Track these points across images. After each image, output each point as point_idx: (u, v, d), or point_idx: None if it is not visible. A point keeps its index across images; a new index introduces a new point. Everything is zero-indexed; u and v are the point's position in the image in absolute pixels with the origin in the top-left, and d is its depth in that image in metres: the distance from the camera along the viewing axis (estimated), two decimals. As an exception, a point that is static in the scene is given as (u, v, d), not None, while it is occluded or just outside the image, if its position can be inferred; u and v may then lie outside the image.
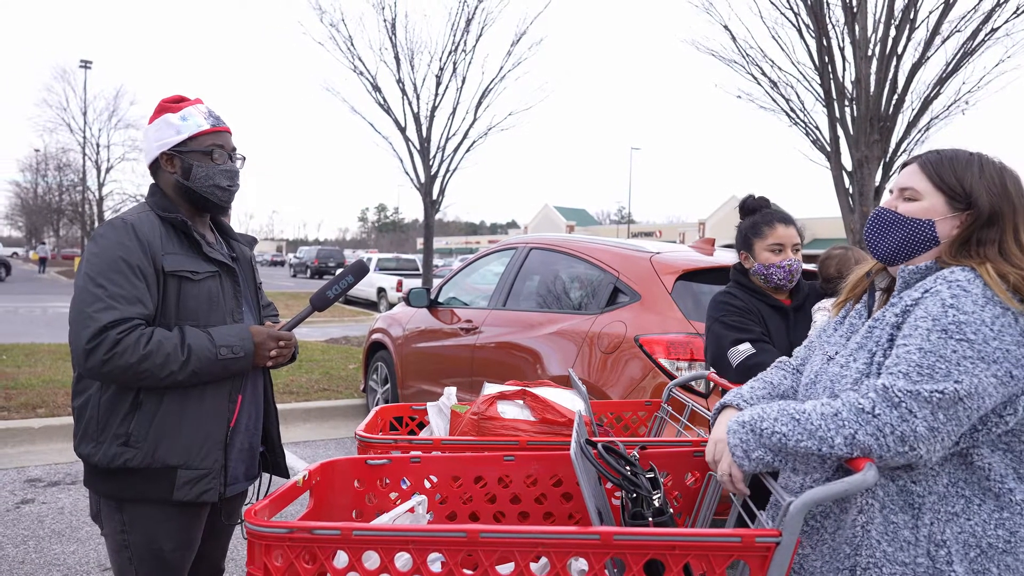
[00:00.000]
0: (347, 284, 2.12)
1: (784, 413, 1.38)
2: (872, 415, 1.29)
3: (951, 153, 1.49)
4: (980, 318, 1.30)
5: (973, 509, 1.34)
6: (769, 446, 1.37)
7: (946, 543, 1.33)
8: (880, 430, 1.28)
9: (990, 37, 8.68)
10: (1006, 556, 1.33)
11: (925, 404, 1.27)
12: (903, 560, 1.35)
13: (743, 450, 1.40)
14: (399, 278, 19.83)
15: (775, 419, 1.38)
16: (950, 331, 1.30)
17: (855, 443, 1.30)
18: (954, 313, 1.31)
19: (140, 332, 1.80)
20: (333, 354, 9.71)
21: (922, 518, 1.35)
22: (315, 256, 39.71)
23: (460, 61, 14.44)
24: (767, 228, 2.69)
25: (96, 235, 1.90)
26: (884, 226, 1.50)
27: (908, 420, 1.27)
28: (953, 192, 1.44)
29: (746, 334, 2.56)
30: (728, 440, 1.43)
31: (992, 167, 1.46)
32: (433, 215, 15.40)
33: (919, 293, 1.40)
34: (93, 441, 1.87)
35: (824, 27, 9.14)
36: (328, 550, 1.29)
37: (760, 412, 1.41)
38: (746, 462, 1.40)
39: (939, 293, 1.35)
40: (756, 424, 1.40)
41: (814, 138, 9.78)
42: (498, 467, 1.78)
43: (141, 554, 1.91)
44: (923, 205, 1.46)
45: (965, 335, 1.29)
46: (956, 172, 1.45)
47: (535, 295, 4.79)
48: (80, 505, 4.29)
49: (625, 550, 1.27)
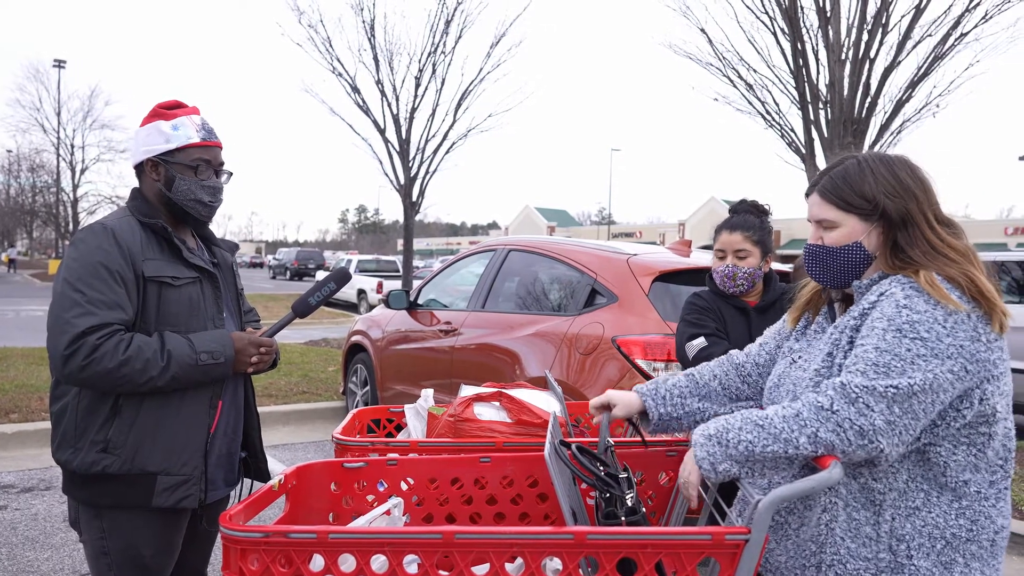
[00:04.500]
0: (329, 291, 2.13)
1: (747, 421, 1.41)
2: (831, 411, 1.33)
3: (841, 171, 1.51)
4: (933, 316, 1.35)
5: (933, 502, 1.39)
6: (735, 456, 1.39)
7: (906, 538, 1.38)
8: (840, 425, 1.32)
9: (960, 42, 8.86)
10: (970, 544, 1.39)
11: (881, 399, 1.31)
12: (866, 556, 1.39)
13: (710, 463, 1.40)
14: (379, 280, 19.76)
15: (739, 428, 1.40)
16: (904, 330, 1.34)
17: (818, 440, 1.33)
18: (907, 313, 1.35)
19: (119, 338, 1.79)
20: (312, 356, 9.66)
21: (883, 514, 1.39)
22: (295, 258, 39.45)
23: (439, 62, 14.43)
24: (716, 235, 2.85)
25: (76, 240, 1.89)
26: (819, 259, 1.54)
27: (866, 414, 1.31)
28: (861, 209, 1.48)
29: (702, 329, 2.72)
30: (695, 453, 1.43)
31: (880, 168, 1.48)
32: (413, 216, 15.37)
33: (875, 296, 1.45)
34: (71, 447, 1.86)
35: (799, 31, 9.26)
36: (304, 553, 1.30)
37: (724, 423, 1.43)
38: (713, 474, 1.41)
39: (893, 295, 1.40)
40: (722, 435, 1.41)
41: (789, 140, 9.90)
42: (474, 468, 1.80)
43: (120, 560, 1.90)
44: (843, 232, 1.50)
45: (919, 333, 1.34)
46: (854, 188, 1.48)
47: (514, 297, 4.81)
48: (54, 511, 4.24)
49: (598, 549, 1.29)
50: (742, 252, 2.75)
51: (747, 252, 2.75)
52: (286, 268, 39.71)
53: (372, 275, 21.20)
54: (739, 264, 2.74)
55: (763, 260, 2.77)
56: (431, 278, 5.90)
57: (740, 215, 2.82)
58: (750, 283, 2.76)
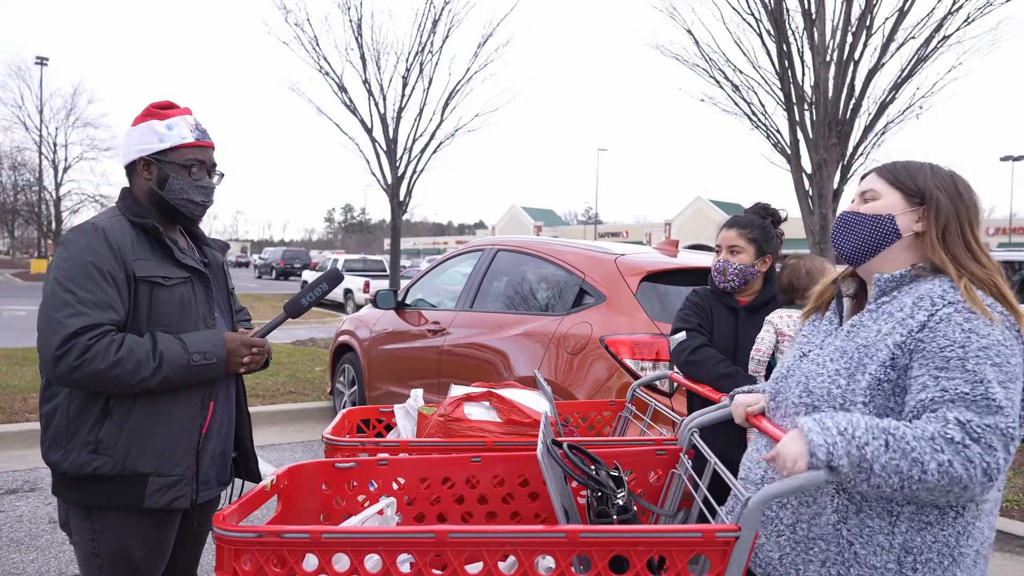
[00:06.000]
0: (321, 292, 2.12)
1: (874, 426, 1.34)
2: (963, 446, 1.29)
3: (905, 160, 1.61)
4: (998, 340, 1.37)
5: (947, 521, 1.40)
6: (854, 457, 1.31)
7: (914, 550, 1.40)
8: (971, 461, 1.29)
9: (943, 44, 8.97)
10: (965, 559, 1.41)
11: (1002, 437, 1.31)
12: (874, 564, 1.41)
13: (827, 451, 1.31)
14: (366, 279, 19.65)
15: (867, 429, 1.33)
16: (981, 357, 1.35)
17: (950, 472, 1.29)
18: (976, 339, 1.36)
19: (111, 338, 1.78)
20: (300, 356, 9.62)
21: (899, 526, 1.41)
22: (280, 257, 39.21)
23: (427, 62, 14.44)
24: (717, 233, 2.91)
25: (66, 240, 1.88)
26: (848, 227, 1.59)
27: (991, 454, 1.30)
28: (908, 189, 1.55)
29: (685, 324, 2.81)
30: (809, 438, 1.33)
31: (943, 170, 1.58)
32: (400, 216, 15.36)
33: (911, 300, 1.46)
34: (62, 449, 1.85)
35: (784, 32, 9.33)
36: (298, 553, 1.31)
37: (848, 419, 1.35)
38: (821, 463, 1.32)
39: (952, 318, 1.39)
40: (847, 430, 1.33)
41: (775, 141, 9.98)
42: (465, 468, 1.81)
43: (112, 562, 1.88)
44: (882, 203, 1.56)
45: (993, 359, 1.35)
46: (910, 173, 1.57)
47: (502, 296, 4.82)
48: (40, 513, 4.20)
49: (591, 547, 1.30)
50: (735, 248, 2.79)
51: (740, 249, 2.78)
52: (272, 267, 39.44)
53: (359, 275, 21.08)
54: (730, 260, 2.77)
55: (758, 259, 2.79)
56: (419, 278, 5.89)
57: (746, 215, 2.88)
58: (741, 280, 2.79)
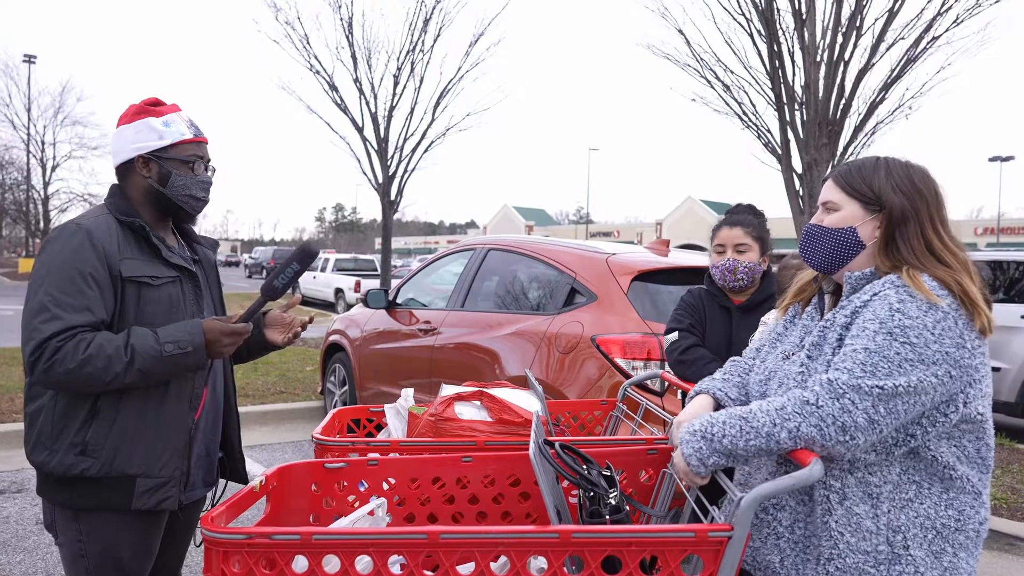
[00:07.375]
0: (294, 271, 2.02)
1: (732, 416, 1.45)
2: (816, 406, 1.37)
3: (859, 162, 1.59)
4: (923, 323, 1.39)
5: (924, 494, 1.44)
6: (721, 450, 1.43)
7: (901, 528, 1.43)
8: (823, 420, 1.36)
9: (932, 45, 9.04)
10: (958, 535, 1.44)
11: (866, 397, 1.35)
12: (865, 549, 1.43)
13: (698, 458, 1.45)
14: (357, 279, 19.59)
15: (724, 422, 1.44)
16: (895, 333, 1.38)
17: (799, 435, 1.37)
18: (899, 317, 1.39)
19: (80, 338, 1.75)
20: (290, 356, 9.58)
21: (880, 507, 1.43)
22: (271, 256, 38.98)
23: (418, 61, 14.42)
24: (715, 231, 2.90)
25: (48, 240, 1.85)
26: (814, 239, 1.60)
27: (849, 411, 1.35)
28: (865, 197, 1.54)
29: (679, 324, 2.86)
30: (682, 451, 1.48)
31: (898, 167, 1.55)
32: (391, 215, 15.33)
33: (868, 296, 1.48)
34: (47, 449, 1.83)
35: (775, 33, 9.37)
36: (288, 555, 1.29)
37: (709, 418, 1.47)
38: (702, 469, 1.45)
39: (887, 297, 1.44)
40: (707, 430, 1.45)
41: (766, 141, 10.02)
42: (456, 468, 1.79)
43: (99, 563, 1.86)
44: (843, 215, 1.56)
45: (908, 338, 1.38)
46: (864, 178, 1.55)
47: (493, 296, 4.81)
48: (26, 514, 4.16)
49: (583, 547, 1.29)
50: (742, 246, 2.80)
51: (747, 247, 2.80)
52: (262, 267, 39.26)
53: (350, 274, 21.03)
54: (739, 258, 2.79)
55: (762, 256, 2.82)
56: (410, 277, 5.88)
57: (739, 214, 2.88)
58: (750, 277, 2.81)
